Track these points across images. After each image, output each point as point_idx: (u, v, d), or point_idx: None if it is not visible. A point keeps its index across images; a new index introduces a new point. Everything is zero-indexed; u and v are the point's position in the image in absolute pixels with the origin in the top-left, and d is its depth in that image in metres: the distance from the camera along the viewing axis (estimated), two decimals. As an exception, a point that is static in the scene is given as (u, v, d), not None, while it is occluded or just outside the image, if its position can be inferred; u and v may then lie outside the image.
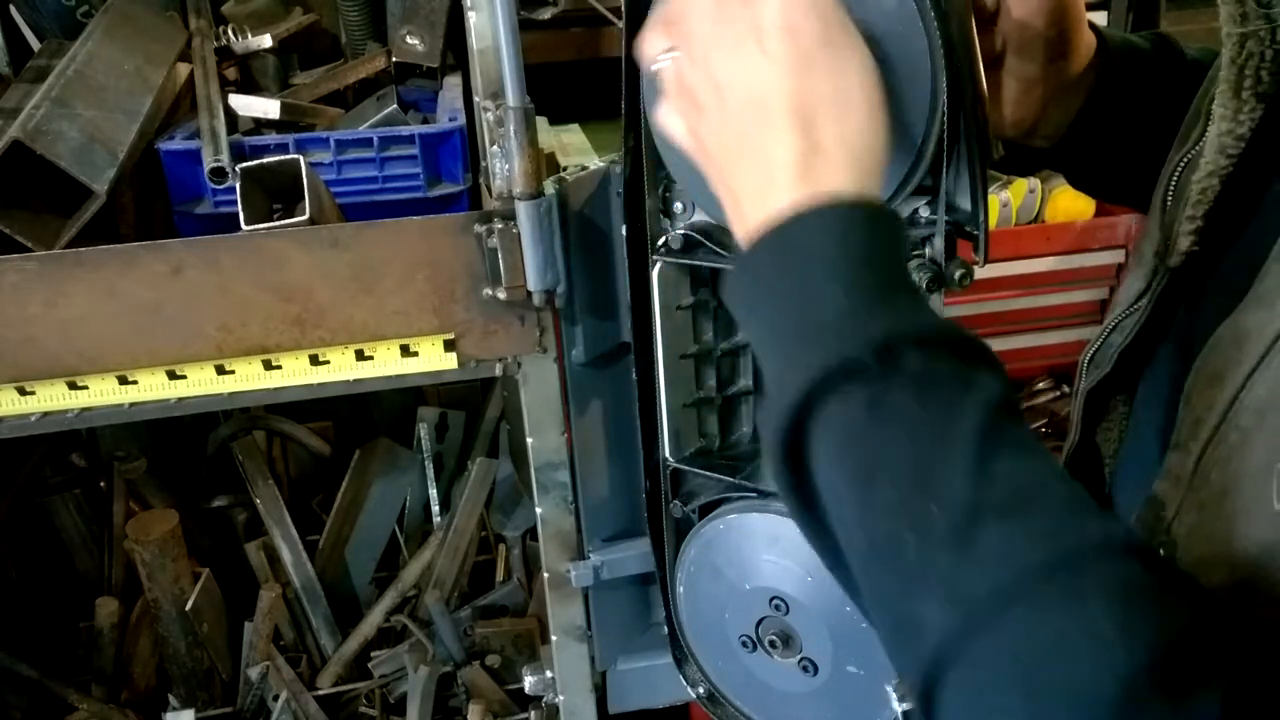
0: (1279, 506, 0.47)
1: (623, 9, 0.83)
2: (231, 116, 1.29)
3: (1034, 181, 1.84)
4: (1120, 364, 0.82)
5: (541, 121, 1.23)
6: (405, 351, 0.98)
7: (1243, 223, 0.70)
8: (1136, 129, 0.85)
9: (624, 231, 0.94)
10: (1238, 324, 0.56)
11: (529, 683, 1.21)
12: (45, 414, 0.94)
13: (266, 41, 1.43)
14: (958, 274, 0.79)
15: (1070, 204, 1.84)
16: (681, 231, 0.90)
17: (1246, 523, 0.49)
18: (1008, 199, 1.81)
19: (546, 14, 1.59)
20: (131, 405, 0.95)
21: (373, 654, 1.78)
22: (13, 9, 1.43)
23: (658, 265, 0.93)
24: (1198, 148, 0.70)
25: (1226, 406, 0.53)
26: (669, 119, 0.62)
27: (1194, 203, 0.70)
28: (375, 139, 1.25)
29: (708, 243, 0.89)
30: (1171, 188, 0.76)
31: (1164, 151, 0.78)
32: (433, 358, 0.99)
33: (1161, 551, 0.56)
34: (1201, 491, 0.54)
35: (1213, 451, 0.53)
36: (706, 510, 1.00)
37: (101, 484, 1.81)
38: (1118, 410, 0.87)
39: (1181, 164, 0.75)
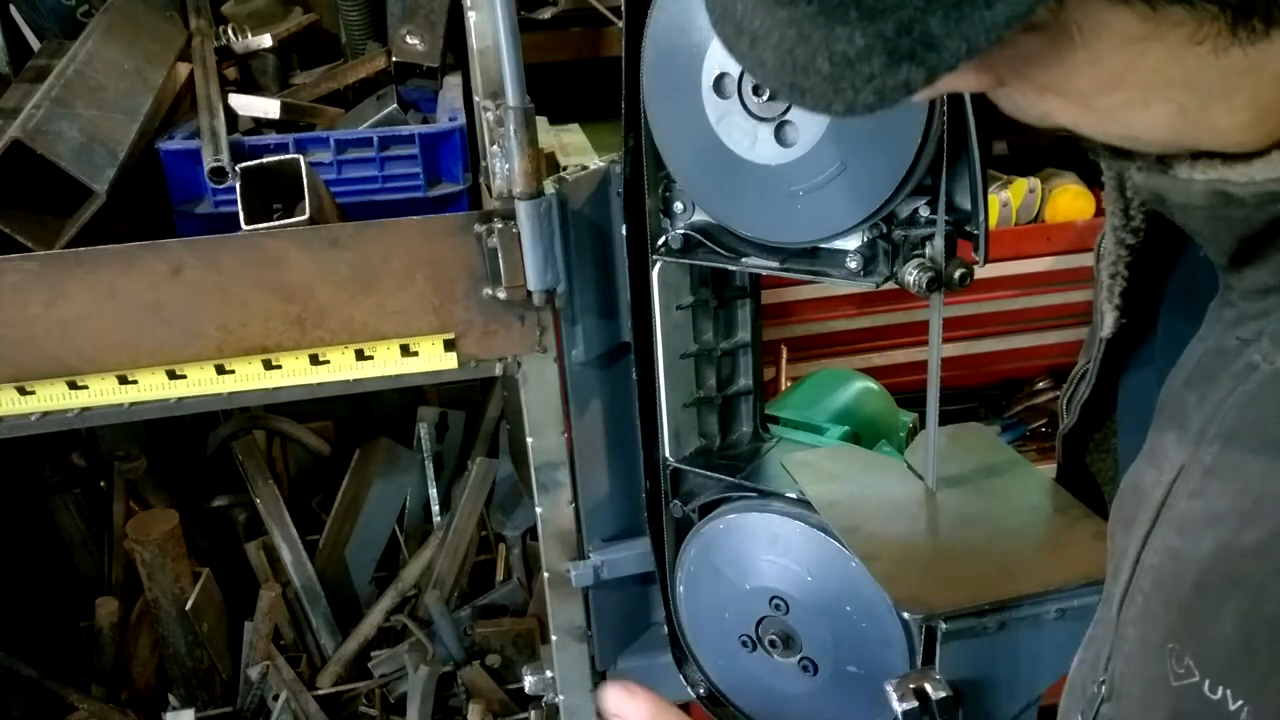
0: (1175, 684, 0.51)
1: (623, 9, 0.83)
2: (231, 116, 1.29)
3: (1034, 181, 1.83)
4: (1086, 414, 0.86)
5: (541, 121, 1.23)
6: (405, 351, 0.98)
7: (1165, 295, 0.73)
8: None
9: (624, 231, 0.94)
10: (1136, 475, 0.59)
11: (529, 683, 1.21)
12: (45, 414, 0.94)
13: (266, 41, 1.43)
14: (958, 274, 0.79)
15: (1070, 204, 1.84)
16: (681, 231, 0.90)
17: (1156, 691, 0.53)
18: (1008, 199, 1.81)
19: (546, 14, 1.60)
20: (131, 405, 0.95)
21: (373, 654, 1.78)
22: (13, 9, 1.43)
23: (658, 265, 0.93)
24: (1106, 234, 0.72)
25: (1133, 564, 0.56)
26: None
27: (1107, 286, 0.72)
28: (375, 139, 1.25)
29: (708, 242, 0.89)
30: (1096, 265, 0.78)
31: None
32: (433, 357, 0.99)
33: (1103, 687, 0.58)
34: (1125, 644, 0.56)
35: (1127, 607, 0.56)
36: (706, 510, 1.00)
37: (101, 484, 1.81)
38: (1107, 442, 0.89)
39: (1100, 241, 0.76)
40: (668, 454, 1.01)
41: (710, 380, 1.01)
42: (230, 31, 1.45)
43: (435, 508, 1.88)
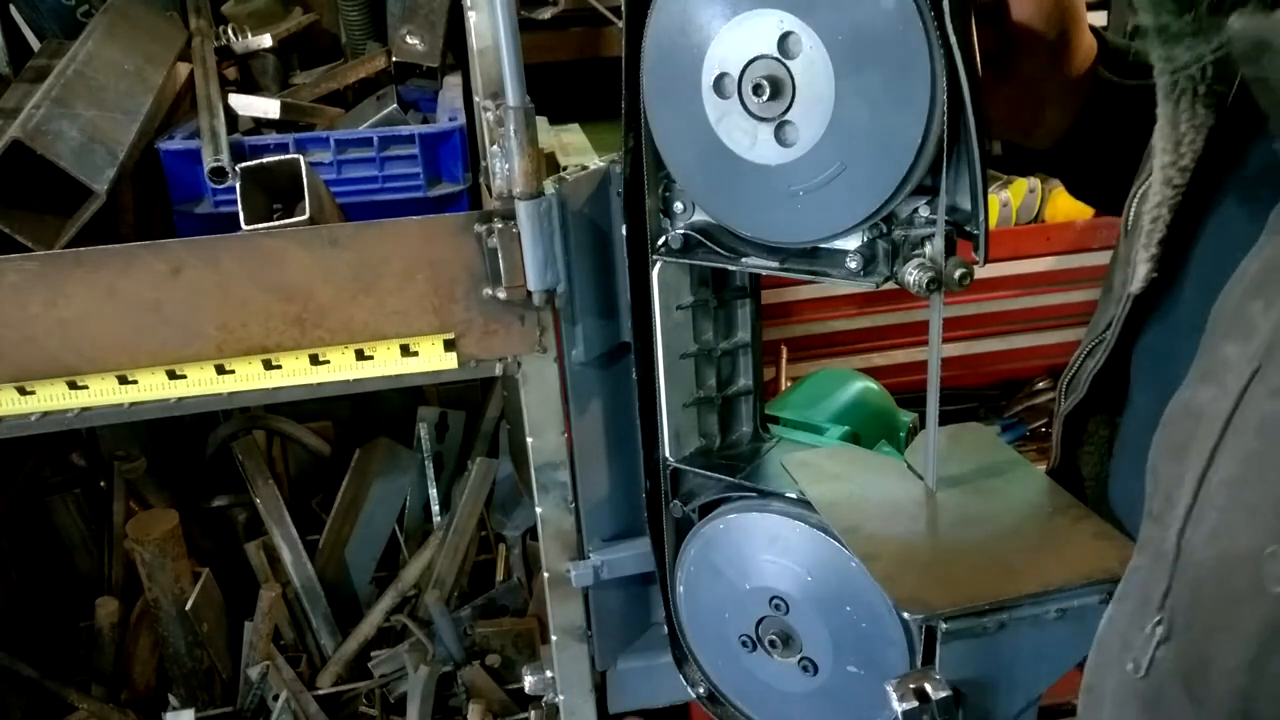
0: (1276, 590, 0.48)
1: (623, 9, 0.83)
2: (231, 116, 1.29)
3: (1034, 181, 1.84)
4: (1095, 388, 0.84)
5: (541, 121, 1.23)
6: (405, 351, 0.98)
7: (1197, 248, 0.72)
8: (1134, 136, 0.86)
9: (624, 231, 0.94)
10: (1188, 397, 0.57)
11: (529, 683, 1.21)
12: (45, 414, 0.94)
13: (266, 41, 1.43)
14: (958, 274, 0.79)
15: (1070, 204, 1.84)
16: (681, 231, 0.90)
17: (1242, 607, 0.50)
18: (1008, 199, 1.81)
19: (546, 14, 1.59)
20: (131, 405, 0.95)
21: (373, 654, 1.78)
22: (13, 9, 1.43)
23: (658, 265, 0.93)
24: (1149, 179, 0.71)
25: (1196, 484, 0.54)
26: None
27: (1147, 232, 0.72)
28: (375, 139, 1.25)
29: (708, 242, 0.89)
30: (1130, 218, 0.77)
31: None
32: (433, 357, 0.99)
33: (1159, 628, 0.56)
34: (1191, 572, 0.54)
35: (1193, 531, 0.54)
36: (706, 510, 1.00)
37: (101, 484, 1.81)
38: (1098, 433, 0.89)
39: (1137, 194, 0.76)
40: (668, 454, 1.01)
41: (710, 380, 1.01)
42: (230, 31, 1.45)
43: (435, 508, 1.89)
